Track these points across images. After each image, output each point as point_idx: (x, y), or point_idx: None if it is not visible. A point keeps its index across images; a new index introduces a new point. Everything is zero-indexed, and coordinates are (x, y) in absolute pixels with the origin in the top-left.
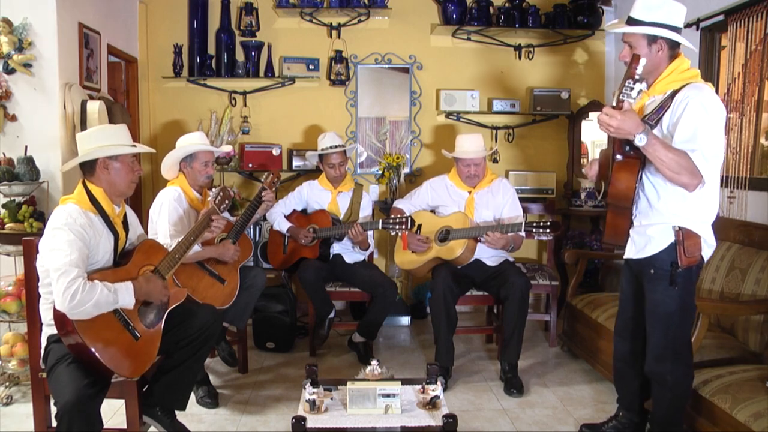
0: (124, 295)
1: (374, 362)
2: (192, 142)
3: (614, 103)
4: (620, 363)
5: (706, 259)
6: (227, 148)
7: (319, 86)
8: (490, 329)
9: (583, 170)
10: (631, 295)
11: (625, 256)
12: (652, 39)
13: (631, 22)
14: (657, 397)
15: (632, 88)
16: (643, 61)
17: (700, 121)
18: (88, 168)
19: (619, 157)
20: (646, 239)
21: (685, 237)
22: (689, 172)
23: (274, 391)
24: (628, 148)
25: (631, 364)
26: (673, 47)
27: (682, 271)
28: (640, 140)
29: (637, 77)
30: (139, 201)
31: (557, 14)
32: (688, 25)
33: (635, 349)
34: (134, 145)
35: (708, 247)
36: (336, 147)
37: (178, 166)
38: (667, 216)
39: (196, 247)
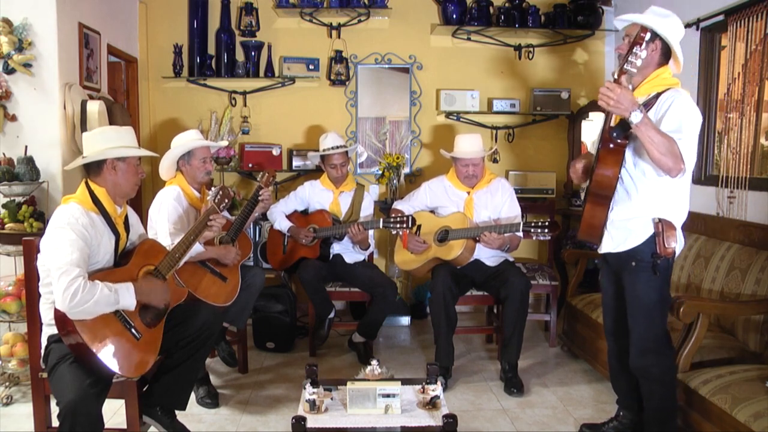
0: (125, 296)
1: (374, 362)
2: (188, 139)
3: (615, 75)
4: (613, 362)
5: (677, 254)
6: (224, 143)
7: (319, 86)
8: (490, 329)
9: (570, 172)
10: (612, 294)
11: (602, 251)
12: (652, 38)
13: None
14: (646, 393)
15: (638, 55)
16: (648, 35)
17: (684, 117)
18: (94, 168)
19: (610, 145)
20: (626, 233)
21: (664, 228)
22: (674, 156)
23: (274, 391)
24: (615, 134)
25: (622, 362)
26: (665, 55)
27: (662, 260)
28: (635, 117)
29: (644, 45)
30: (140, 201)
31: (557, 14)
32: (688, 25)
33: (624, 348)
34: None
35: (678, 242)
36: (338, 147)
37: (176, 166)
38: (645, 208)
39: (200, 247)
